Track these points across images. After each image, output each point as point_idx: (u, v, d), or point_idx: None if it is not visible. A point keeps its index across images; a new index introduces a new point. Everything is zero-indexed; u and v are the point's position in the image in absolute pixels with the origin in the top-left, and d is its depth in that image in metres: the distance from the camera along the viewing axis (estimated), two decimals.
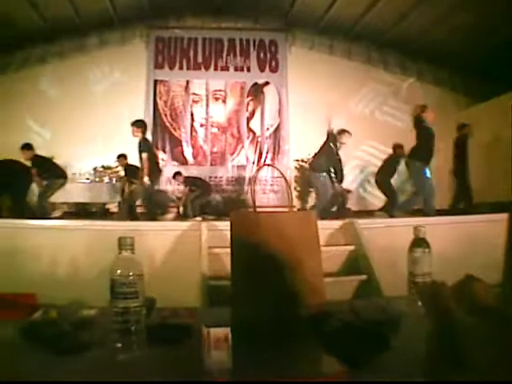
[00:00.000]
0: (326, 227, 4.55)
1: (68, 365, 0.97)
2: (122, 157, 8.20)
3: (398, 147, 7.83)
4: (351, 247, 4.26)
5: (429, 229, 1.50)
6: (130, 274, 0.97)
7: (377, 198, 8.97)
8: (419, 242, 1.40)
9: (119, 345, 0.98)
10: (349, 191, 9.89)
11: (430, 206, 6.01)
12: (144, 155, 6.35)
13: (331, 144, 6.80)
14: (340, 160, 6.97)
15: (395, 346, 1.00)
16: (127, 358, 0.99)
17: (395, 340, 1.03)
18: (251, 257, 1.25)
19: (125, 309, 0.97)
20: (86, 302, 1.37)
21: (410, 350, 1.01)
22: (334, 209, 7.05)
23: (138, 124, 6.56)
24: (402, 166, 7.34)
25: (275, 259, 1.23)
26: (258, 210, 1.33)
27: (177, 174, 9.17)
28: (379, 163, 8.41)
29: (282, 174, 1.42)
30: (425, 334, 0.92)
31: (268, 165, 8.90)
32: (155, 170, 6.64)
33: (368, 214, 7.98)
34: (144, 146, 6.47)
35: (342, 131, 7.13)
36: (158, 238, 4.22)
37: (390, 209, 6.87)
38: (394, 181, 7.88)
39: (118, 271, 0.98)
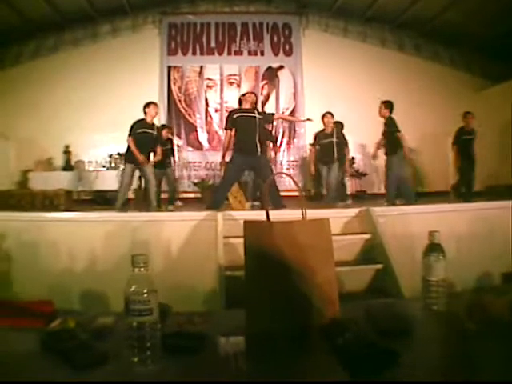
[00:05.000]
0: (342, 215, 4.54)
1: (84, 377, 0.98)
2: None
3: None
4: (367, 235, 4.25)
5: (446, 216, 1.48)
6: (144, 291, 0.98)
7: None
8: (434, 248, 1.38)
9: (135, 359, 1.00)
10: (365, 174, 9.87)
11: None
12: None
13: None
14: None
15: (406, 357, 1.00)
16: (143, 370, 1.00)
17: (406, 349, 1.04)
18: (265, 266, 1.26)
19: (140, 324, 0.99)
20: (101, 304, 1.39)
21: (421, 359, 1.03)
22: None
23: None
24: None
25: (288, 268, 1.24)
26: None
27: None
28: None
29: (292, 179, 1.38)
30: (438, 343, 0.93)
31: (281, 173, 8.89)
32: None
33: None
34: None
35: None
36: (175, 228, 4.25)
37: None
38: None
39: (132, 288, 0.99)
